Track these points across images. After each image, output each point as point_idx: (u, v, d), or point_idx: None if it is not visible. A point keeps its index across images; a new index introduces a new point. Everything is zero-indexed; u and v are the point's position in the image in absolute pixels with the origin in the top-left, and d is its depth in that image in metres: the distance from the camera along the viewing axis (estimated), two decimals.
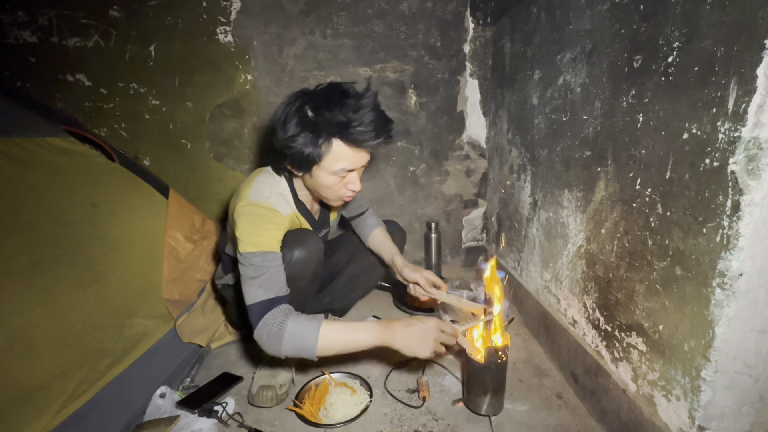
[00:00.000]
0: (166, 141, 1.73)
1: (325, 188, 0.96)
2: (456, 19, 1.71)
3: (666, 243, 0.73)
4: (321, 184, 0.95)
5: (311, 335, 0.83)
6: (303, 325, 0.84)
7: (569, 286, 1.11)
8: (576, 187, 1.05)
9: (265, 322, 0.84)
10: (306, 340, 0.83)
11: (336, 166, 0.91)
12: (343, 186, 0.96)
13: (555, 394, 1.09)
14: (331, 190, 0.96)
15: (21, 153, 0.98)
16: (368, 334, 0.87)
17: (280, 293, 0.88)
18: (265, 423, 1.01)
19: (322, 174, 0.93)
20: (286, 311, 0.86)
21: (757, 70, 0.54)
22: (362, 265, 1.36)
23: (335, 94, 0.89)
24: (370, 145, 0.89)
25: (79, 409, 0.81)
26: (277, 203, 0.97)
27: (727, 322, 0.63)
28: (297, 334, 0.83)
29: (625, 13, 0.83)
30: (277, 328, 0.83)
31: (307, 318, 0.86)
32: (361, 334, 0.87)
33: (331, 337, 0.85)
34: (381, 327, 0.88)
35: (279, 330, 0.83)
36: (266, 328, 0.84)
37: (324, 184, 0.95)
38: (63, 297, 0.87)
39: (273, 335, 0.83)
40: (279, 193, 1.00)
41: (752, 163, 0.57)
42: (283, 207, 0.99)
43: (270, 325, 0.84)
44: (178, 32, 1.61)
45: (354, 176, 0.96)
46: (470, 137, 1.86)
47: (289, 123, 0.88)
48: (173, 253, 1.25)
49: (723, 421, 0.68)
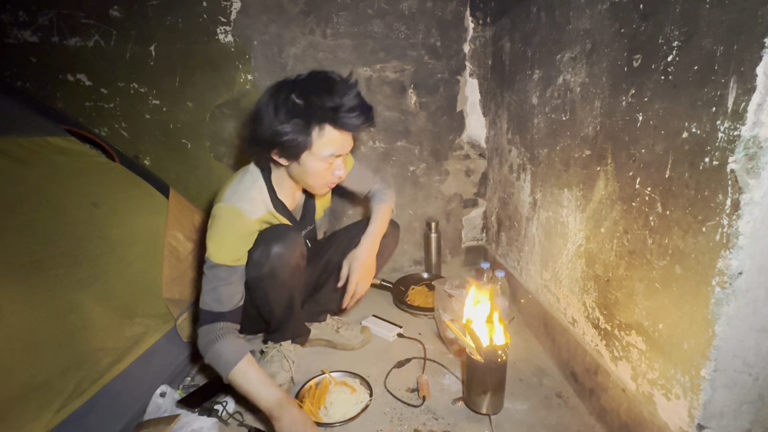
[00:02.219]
0: (166, 141, 1.73)
1: (312, 175, 0.98)
2: (456, 18, 1.71)
3: (666, 242, 0.74)
4: (309, 171, 0.97)
5: (225, 366, 0.90)
6: (225, 355, 0.90)
7: (569, 285, 1.11)
8: (576, 187, 1.05)
9: (201, 331, 0.94)
10: (221, 367, 0.90)
11: (325, 152, 0.94)
12: (330, 172, 1.00)
13: (555, 393, 1.09)
14: (319, 177, 0.99)
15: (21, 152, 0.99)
16: (265, 400, 0.88)
17: (224, 309, 0.95)
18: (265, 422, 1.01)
19: (311, 160, 0.95)
20: (222, 332, 0.93)
21: (756, 68, 0.55)
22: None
23: (320, 81, 0.92)
24: (358, 128, 0.93)
25: (80, 408, 0.81)
26: (248, 207, 0.99)
27: (726, 321, 0.63)
28: (216, 358, 0.91)
29: (624, 13, 0.83)
30: (206, 343, 0.92)
31: (233, 349, 0.91)
32: (261, 395, 0.89)
33: (238, 379, 0.89)
34: (279, 405, 0.87)
35: (207, 345, 0.92)
36: (200, 337, 0.94)
37: (312, 171, 0.97)
38: (63, 296, 0.87)
39: (202, 347, 0.93)
40: (254, 193, 1.02)
41: (752, 161, 0.57)
42: (254, 210, 1.01)
43: (203, 336, 0.94)
44: (178, 32, 1.61)
45: (340, 162, 0.99)
46: (470, 137, 1.86)
47: (279, 111, 0.90)
48: (174, 252, 1.25)
49: (722, 419, 0.68)
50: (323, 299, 1.37)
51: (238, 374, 0.89)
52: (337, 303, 1.39)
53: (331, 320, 1.37)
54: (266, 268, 0.99)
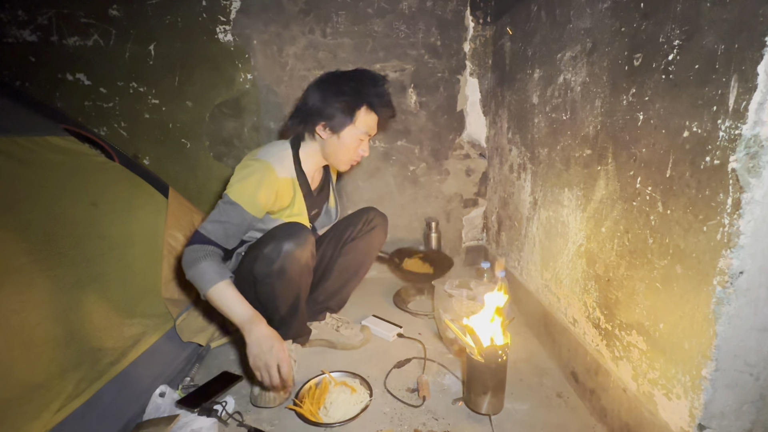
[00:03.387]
0: (165, 140, 1.73)
1: (345, 149, 1.12)
2: (456, 18, 1.71)
3: (666, 241, 0.73)
4: (344, 144, 1.11)
5: (208, 283, 0.95)
6: (209, 272, 0.96)
7: (569, 285, 1.11)
8: (576, 186, 1.05)
9: (191, 249, 0.98)
10: (203, 283, 0.95)
11: (362, 128, 1.10)
12: (357, 150, 1.14)
13: (555, 393, 1.09)
14: (348, 152, 1.13)
15: (21, 152, 0.98)
16: (240, 314, 0.96)
17: (219, 241, 1.00)
18: (265, 422, 1.00)
19: (349, 134, 1.10)
20: (210, 252, 0.98)
21: (757, 67, 0.54)
22: (351, 256, 1.33)
23: (367, 73, 1.12)
24: (389, 115, 1.15)
25: (79, 408, 0.81)
26: (278, 165, 1.08)
27: (727, 321, 0.63)
28: (200, 274, 0.96)
29: (625, 11, 0.83)
30: (193, 259, 0.97)
31: (218, 269, 0.97)
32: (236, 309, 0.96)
33: (218, 295, 0.96)
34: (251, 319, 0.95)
35: (193, 261, 0.96)
36: (188, 253, 0.98)
37: (347, 144, 1.11)
38: (62, 296, 0.87)
39: (188, 262, 0.97)
40: (282, 157, 1.12)
41: (753, 160, 0.56)
42: (281, 170, 1.09)
43: (192, 253, 0.98)
44: (177, 31, 1.61)
45: (366, 144, 1.15)
46: (470, 136, 1.86)
47: (330, 91, 1.07)
48: (173, 252, 1.25)
49: (723, 419, 0.68)
50: (321, 296, 1.36)
51: (217, 291, 0.95)
52: (336, 300, 1.39)
53: (330, 319, 1.37)
54: (276, 264, 1.01)
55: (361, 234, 1.33)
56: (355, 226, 1.33)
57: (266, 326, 0.95)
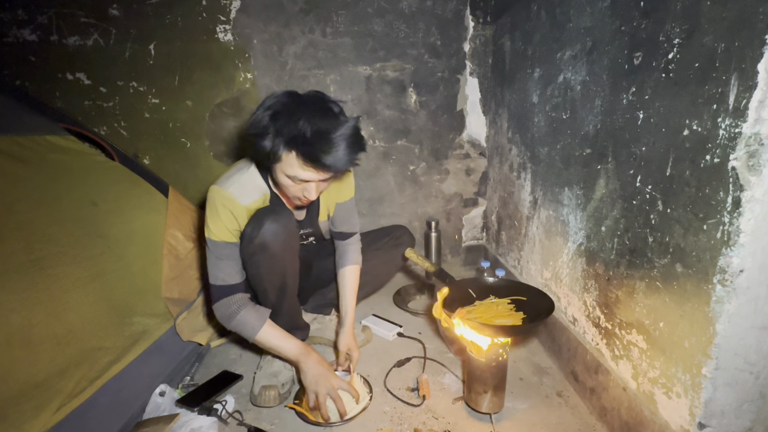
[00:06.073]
0: (165, 139, 1.73)
1: (282, 186, 0.98)
2: (456, 17, 1.71)
3: (666, 240, 0.73)
4: (279, 181, 0.97)
5: (252, 331, 1.01)
6: (249, 320, 1.01)
7: (569, 284, 1.11)
8: (576, 185, 1.05)
9: (221, 305, 1.02)
10: (247, 331, 1.02)
11: (290, 172, 0.90)
12: (299, 191, 0.96)
13: (555, 392, 1.09)
14: (288, 190, 0.98)
15: (20, 151, 0.98)
16: (291, 350, 1.03)
17: (234, 281, 1.03)
18: (265, 421, 1.00)
19: (279, 173, 0.93)
20: (241, 303, 1.02)
21: (757, 65, 0.54)
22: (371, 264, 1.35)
23: (311, 106, 0.88)
24: (323, 168, 0.88)
25: (79, 407, 0.81)
26: (238, 191, 1.01)
27: (727, 319, 0.63)
28: (242, 325, 1.01)
29: (625, 10, 0.83)
30: (230, 313, 1.01)
31: (256, 315, 1.02)
32: (287, 346, 1.03)
33: (264, 338, 1.02)
34: (303, 353, 1.03)
35: (231, 316, 1.01)
36: (221, 310, 1.02)
37: (281, 183, 0.96)
38: (62, 295, 0.87)
39: (225, 318, 1.02)
40: (246, 179, 1.04)
41: (753, 159, 0.56)
42: (244, 196, 1.01)
43: (224, 309, 1.02)
44: (177, 31, 1.61)
45: (311, 187, 0.94)
46: (470, 136, 1.86)
47: (262, 117, 0.88)
48: (173, 251, 1.25)
49: (723, 418, 0.68)
50: (331, 293, 1.38)
51: (263, 335, 1.01)
52: None
53: (334, 316, 1.37)
54: (257, 240, 0.99)
55: (387, 247, 1.38)
56: (382, 238, 1.39)
57: (317, 355, 1.03)
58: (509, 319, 1.01)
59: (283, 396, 1.06)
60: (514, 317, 1.02)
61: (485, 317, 1.01)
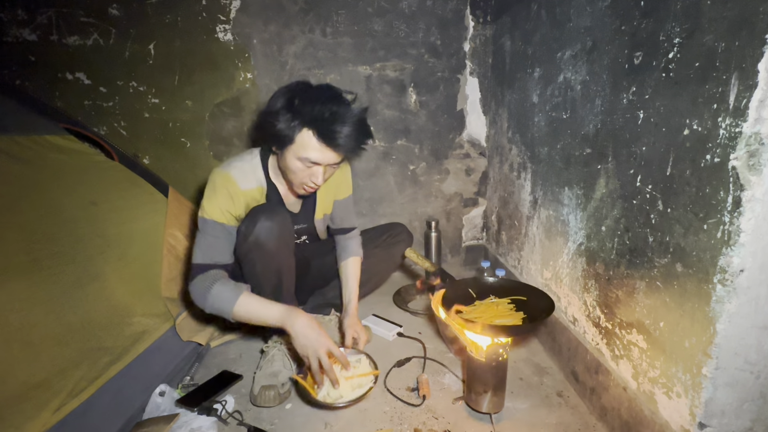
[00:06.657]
0: (165, 139, 1.73)
1: (290, 171, 1.01)
2: (456, 17, 1.71)
3: (667, 240, 0.73)
4: (288, 165, 1.00)
5: (228, 303, 0.97)
6: (225, 292, 0.97)
7: (569, 284, 1.11)
8: (576, 185, 1.05)
9: (194, 283, 0.99)
10: (224, 306, 0.97)
11: (303, 153, 0.96)
12: (307, 176, 1.01)
13: (555, 392, 1.08)
14: (296, 175, 1.01)
15: (20, 151, 0.98)
16: (275, 313, 0.97)
17: (216, 260, 1.01)
18: (265, 421, 1.00)
19: (290, 155, 0.98)
20: (216, 276, 0.99)
21: (758, 65, 0.54)
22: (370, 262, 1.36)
23: (326, 92, 0.97)
24: (336, 147, 0.95)
25: (78, 407, 0.81)
26: (239, 175, 1.05)
27: (728, 319, 0.62)
28: (218, 300, 0.97)
29: (625, 10, 0.83)
30: (203, 289, 0.98)
31: (231, 287, 0.98)
32: (270, 311, 0.98)
33: (244, 308, 0.97)
34: (288, 312, 0.97)
35: (204, 291, 0.97)
36: (195, 288, 0.99)
37: (290, 167, 1.00)
38: (62, 295, 0.87)
39: (200, 294, 0.98)
40: (247, 167, 1.07)
41: (753, 158, 0.56)
42: (244, 181, 1.06)
43: (198, 286, 0.99)
44: (177, 30, 1.61)
45: (318, 170, 0.99)
46: (470, 136, 1.86)
47: (277, 101, 0.96)
48: (173, 251, 1.25)
49: (724, 418, 0.68)
50: (330, 293, 1.39)
51: (242, 306, 0.97)
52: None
53: (334, 316, 1.37)
54: (252, 237, 1.01)
55: (385, 245, 1.38)
56: (380, 236, 1.39)
57: (305, 316, 0.97)
58: (509, 319, 1.00)
59: (283, 396, 1.06)
60: (514, 317, 1.01)
61: (485, 317, 1.01)
